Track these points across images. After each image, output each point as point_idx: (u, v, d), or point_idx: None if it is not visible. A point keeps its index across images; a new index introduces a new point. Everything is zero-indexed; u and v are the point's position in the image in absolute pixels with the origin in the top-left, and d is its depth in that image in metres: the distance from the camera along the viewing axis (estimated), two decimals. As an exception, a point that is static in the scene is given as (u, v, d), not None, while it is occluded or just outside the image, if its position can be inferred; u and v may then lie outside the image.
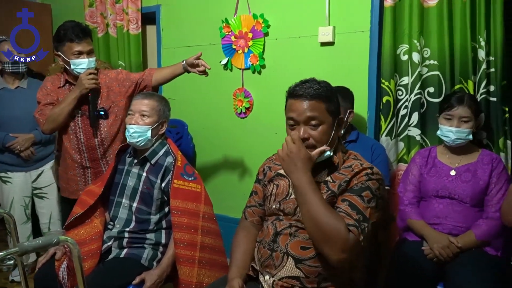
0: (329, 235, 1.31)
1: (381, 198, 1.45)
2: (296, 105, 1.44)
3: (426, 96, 2.25)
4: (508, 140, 2.09)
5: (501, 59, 2.05)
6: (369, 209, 1.38)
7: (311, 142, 1.44)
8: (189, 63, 2.28)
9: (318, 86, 1.45)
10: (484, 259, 1.80)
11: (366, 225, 1.35)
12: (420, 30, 2.22)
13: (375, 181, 1.42)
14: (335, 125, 1.48)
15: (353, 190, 1.40)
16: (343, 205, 1.38)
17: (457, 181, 1.95)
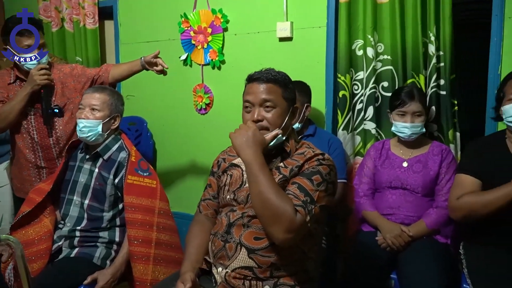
0: (276, 213, 1.31)
1: (331, 183, 1.45)
2: (253, 88, 1.47)
3: (381, 90, 2.29)
4: (457, 132, 2.17)
5: (449, 54, 2.12)
6: (318, 192, 1.38)
7: (264, 124, 1.45)
8: (147, 61, 2.23)
9: (276, 73, 1.49)
10: (434, 246, 1.85)
11: (313, 207, 1.35)
12: (373, 25, 2.27)
13: (326, 166, 1.43)
14: (289, 112, 1.49)
15: (304, 174, 1.41)
16: (292, 187, 1.39)
17: (409, 172, 2.00)
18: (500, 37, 2.03)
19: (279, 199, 1.32)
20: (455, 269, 1.85)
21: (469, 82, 3.53)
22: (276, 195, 1.33)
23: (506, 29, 2.02)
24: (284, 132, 1.48)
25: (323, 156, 1.46)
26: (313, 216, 1.35)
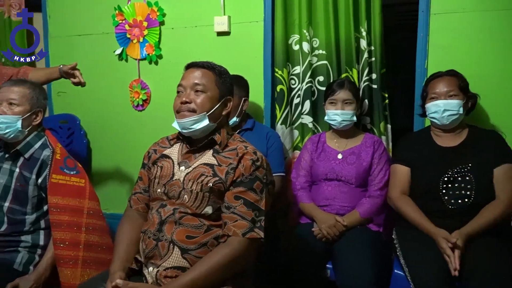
0: (234, 265, 1.37)
1: (270, 183, 1.48)
2: (187, 74, 1.48)
3: (317, 84, 2.33)
4: (388, 124, 2.25)
5: (380, 49, 2.19)
6: (264, 199, 1.42)
7: (191, 106, 1.44)
8: (64, 71, 2.11)
9: (213, 63, 1.50)
10: (367, 235, 1.91)
11: (262, 218, 1.40)
12: (308, 20, 2.30)
13: (261, 169, 1.43)
14: (222, 101, 1.47)
15: (244, 184, 1.40)
16: (238, 204, 1.38)
17: (343, 164, 2.04)
18: (426, 32, 2.12)
19: (222, 264, 1.34)
20: (387, 255, 1.91)
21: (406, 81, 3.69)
22: (219, 267, 1.34)
23: (432, 25, 2.12)
24: (213, 120, 1.46)
25: (256, 156, 1.44)
26: (263, 227, 1.39)
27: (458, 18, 2.08)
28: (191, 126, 1.44)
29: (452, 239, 1.64)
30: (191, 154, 1.49)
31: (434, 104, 1.86)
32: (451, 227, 1.72)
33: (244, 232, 1.36)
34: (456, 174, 1.80)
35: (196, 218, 1.42)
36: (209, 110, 1.44)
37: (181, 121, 1.45)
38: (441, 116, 1.84)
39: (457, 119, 1.85)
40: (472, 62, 2.07)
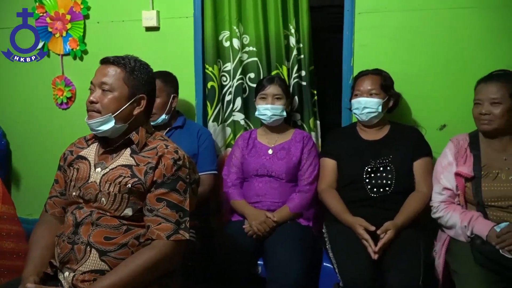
0: (159, 268, 1.32)
1: (194, 182, 1.43)
2: (98, 70, 1.42)
3: (248, 81, 2.33)
4: (317, 120, 2.29)
5: (308, 46, 2.23)
6: (188, 199, 1.37)
7: (97, 106, 1.38)
8: None
9: (126, 58, 1.42)
10: (297, 230, 1.92)
11: (187, 219, 1.37)
12: (238, 17, 2.29)
13: (184, 168, 1.39)
14: (132, 100, 1.40)
15: (166, 185, 1.35)
16: (161, 207, 1.33)
17: (273, 159, 2.05)
18: (352, 31, 2.19)
19: (146, 265, 1.29)
20: (317, 249, 1.94)
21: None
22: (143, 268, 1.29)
23: (357, 24, 2.19)
24: (122, 121, 1.39)
25: (178, 155, 1.39)
26: (188, 228, 1.36)
27: (381, 18, 2.16)
28: (98, 127, 1.38)
29: (371, 227, 1.71)
30: (108, 155, 1.42)
31: (357, 101, 1.95)
32: (373, 214, 1.80)
33: (169, 234, 1.32)
34: (379, 165, 1.89)
35: (115, 219, 1.35)
36: (115, 111, 1.37)
37: (88, 122, 1.39)
38: (361, 112, 1.93)
39: (375, 116, 1.94)
40: (395, 60, 2.15)
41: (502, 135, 1.75)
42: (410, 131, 1.98)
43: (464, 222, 1.67)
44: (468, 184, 1.74)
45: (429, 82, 2.13)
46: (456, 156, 1.78)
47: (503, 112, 1.69)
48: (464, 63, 2.06)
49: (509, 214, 1.67)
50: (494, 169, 1.72)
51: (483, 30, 2.03)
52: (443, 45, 2.08)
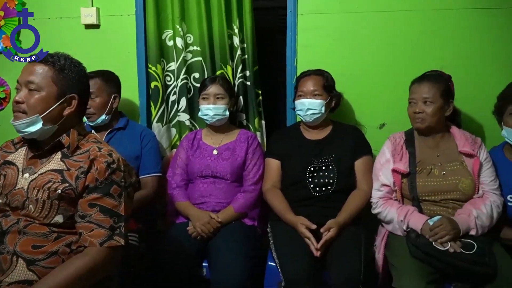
0: (93, 276, 1.27)
1: (130, 185, 1.38)
2: (24, 68, 1.36)
3: (192, 81, 2.30)
4: (262, 120, 2.30)
5: (251, 46, 2.23)
6: (123, 204, 1.32)
7: (23, 107, 1.30)
8: None
9: (56, 56, 1.37)
10: (241, 230, 1.92)
11: (122, 224, 1.31)
12: (181, 16, 2.25)
13: (118, 172, 1.33)
14: (62, 100, 1.34)
15: (99, 189, 1.29)
16: (94, 212, 1.27)
17: (218, 160, 2.03)
18: (295, 32, 2.21)
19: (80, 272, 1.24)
20: (262, 248, 1.94)
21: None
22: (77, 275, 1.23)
23: (300, 25, 2.21)
24: (51, 122, 1.33)
25: (112, 158, 1.33)
26: (124, 233, 1.30)
27: (322, 19, 2.20)
28: (24, 129, 1.30)
29: (313, 226, 1.74)
30: (37, 159, 1.35)
31: (300, 102, 1.97)
32: (316, 213, 1.83)
33: (102, 241, 1.26)
34: (321, 164, 1.92)
35: (44, 226, 1.28)
36: (42, 112, 1.30)
37: (14, 123, 1.31)
38: (305, 114, 1.96)
39: (319, 117, 1.97)
40: (337, 60, 2.20)
41: (435, 133, 1.83)
42: (351, 131, 2.03)
43: (400, 216, 1.73)
44: (404, 180, 1.81)
45: (369, 82, 2.19)
46: (393, 154, 1.85)
47: (435, 110, 1.77)
48: (401, 64, 2.14)
49: (441, 207, 1.75)
50: (428, 165, 1.80)
51: (418, 32, 2.12)
52: (381, 46, 2.15)
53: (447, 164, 1.78)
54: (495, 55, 2.06)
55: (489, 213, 1.67)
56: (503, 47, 2.06)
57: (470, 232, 1.65)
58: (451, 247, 1.59)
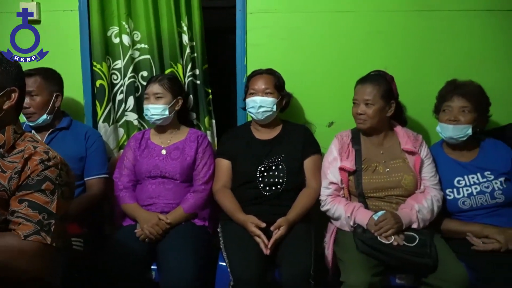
0: (9, 267, 1.15)
1: (66, 185, 1.30)
2: None
3: (140, 80, 2.24)
4: (213, 119, 2.27)
5: (201, 45, 2.20)
6: (55, 202, 1.23)
7: None
8: None
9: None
10: (192, 230, 1.89)
11: (53, 222, 1.21)
12: (127, 12, 2.18)
13: (53, 169, 1.25)
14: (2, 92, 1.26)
15: (30, 186, 1.21)
16: (22, 208, 1.19)
17: (167, 160, 1.99)
18: (244, 31, 2.21)
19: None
20: (213, 249, 1.92)
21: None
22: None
23: (249, 24, 2.21)
24: None
25: (48, 155, 1.25)
26: (55, 233, 1.20)
27: (271, 18, 2.21)
28: None
29: (262, 224, 1.75)
30: None
31: (252, 99, 1.97)
32: (266, 211, 1.84)
33: (27, 234, 1.16)
34: (271, 164, 1.93)
35: None
36: None
37: None
38: (257, 111, 1.95)
39: (271, 115, 1.97)
40: (286, 60, 2.21)
41: (377, 133, 1.89)
42: (300, 130, 2.04)
43: (347, 213, 1.77)
44: (351, 177, 1.85)
45: (318, 81, 2.23)
46: (340, 152, 1.89)
47: (375, 112, 1.82)
48: (348, 63, 2.19)
49: (386, 203, 1.81)
50: (373, 163, 1.85)
51: (363, 33, 2.18)
52: (329, 46, 2.20)
53: (391, 161, 1.85)
54: (436, 55, 2.16)
55: (430, 207, 1.75)
56: (444, 48, 2.16)
57: (412, 225, 1.72)
58: (394, 240, 1.65)
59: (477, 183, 1.82)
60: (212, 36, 2.53)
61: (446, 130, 1.83)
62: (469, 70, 2.08)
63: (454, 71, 2.05)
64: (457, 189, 1.84)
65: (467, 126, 1.80)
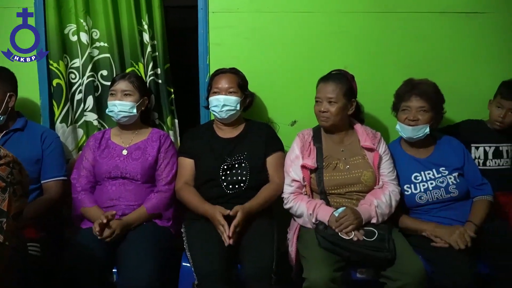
0: None
1: (18, 183, 1.26)
2: None
3: (100, 79, 2.19)
4: (175, 119, 2.25)
5: (162, 44, 2.17)
6: (6, 200, 1.19)
7: None
8: None
9: None
10: (153, 231, 1.85)
11: (4, 220, 1.17)
12: (85, 9, 2.13)
13: (4, 167, 1.21)
14: None
15: None
16: None
17: (128, 160, 1.96)
18: (206, 30, 2.20)
19: None
20: (176, 249, 1.89)
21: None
22: None
23: (211, 23, 2.20)
24: None
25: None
26: (8, 232, 1.16)
27: (234, 17, 2.21)
28: None
29: (226, 211, 1.75)
30: None
31: (216, 98, 1.96)
32: (229, 210, 1.79)
33: None
34: (234, 162, 1.93)
35: None
36: None
37: None
38: (221, 110, 1.95)
39: (234, 114, 1.97)
40: (250, 59, 2.22)
41: (339, 130, 1.93)
42: (263, 128, 2.05)
43: (309, 210, 1.80)
44: (313, 175, 1.88)
45: (281, 80, 2.25)
46: (302, 150, 1.91)
47: (338, 110, 1.86)
48: (310, 62, 2.22)
49: (347, 199, 1.85)
50: (334, 160, 1.88)
51: (324, 33, 2.22)
52: (291, 45, 2.22)
53: (351, 158, 1.88)
54: (394, 55, 2.22)
55: (388, 202, 1.80)
56: (401, 48, 2.23)
57: (371, 220, 1.76)
58: (354, 236, 1.68)
59: (433, 178, 1.89)
60: (175, 35, 2.50)
61: (406, 130, 1.88)
62: (425, 69, 2.14)
63: (411, 70, 2.11)
64: (414, 185, 1.90)
65: (425, 125, 1.86)
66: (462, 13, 2.23)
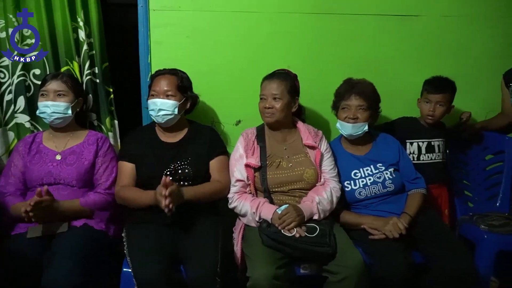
0: None
1: None
2: None
3: (32, 78, 2.07)
4: (115, 120, 2.17)
5: (99, 41, 2.09)
6: None
7: None
8: None
9: None
10: (87, 234, 1.77)
11: None
12: (15, 4, 2.01)
13: None
14: None
15: None
16: None
17: (62, 166, 1.86)
18: (147, 28, 2.14)
19: None
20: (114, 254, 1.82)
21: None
22: None
23: (152, 21, 2.15)
24: None
25: None
26: None
27: (176, 16, 2.17)
28: None
29: (168, 178, 1.67)
30: None
31: (152, 102, 1.90)
32: (168, 218, 1.73)
33: None
34: (177, 168, 1.88)
35: None
36: None
37: None
38: (157, 114, 1.89)
39: (171, 119, 1.91)
40: (193, 58, 2.19)
41: (283, 128, 1.95)
42: (206, 132, 2.01)
43: (253, 209, 1.80)
44: (257, 173, 1.88)
45: (224, 80, 2.24)
46: (246, 149, 1.91)
47: (283, 106, 1.88)
48: (253, 62, 2.23)
49: (290, 197, 1.87)
50: (277, 158, 1.90)
51: (266, 33, 2.24)
52: (233, 45, 2.22)
53: (294, 156, 1.91)
54: (333, 55, 2.29)
55: (329, 198, 1.84)
56: (340, 49, 2.29)
57: (313, 216, 1.80)
58: (297, 233, 1.70)
59: (371, 174, 1.96)
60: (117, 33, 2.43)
61: (346, 128, 1.94)
62: (363, 69, 2.22)
63: (350, 70, 2.18)
64: (354, 181, 1.96)
65: (364, 123, 1.93)
66: (397, 16, 2.33)
